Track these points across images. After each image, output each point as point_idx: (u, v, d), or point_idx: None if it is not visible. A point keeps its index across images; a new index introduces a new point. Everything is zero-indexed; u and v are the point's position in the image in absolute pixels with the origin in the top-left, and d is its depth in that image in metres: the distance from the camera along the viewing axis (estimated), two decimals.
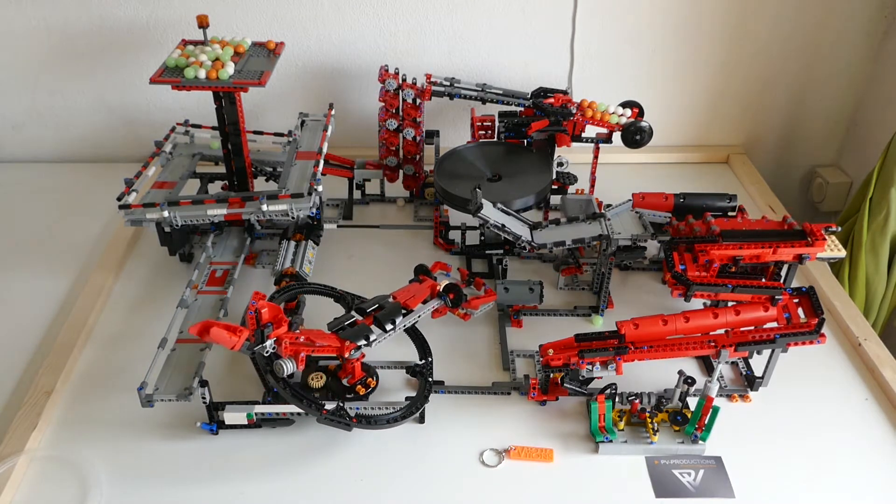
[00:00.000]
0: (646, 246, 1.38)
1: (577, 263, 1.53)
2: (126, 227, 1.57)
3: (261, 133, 1.64)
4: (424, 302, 1.25)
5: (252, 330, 1.13)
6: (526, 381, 1.28)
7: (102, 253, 1.61)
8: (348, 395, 1.22)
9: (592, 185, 1.66)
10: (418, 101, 1.63)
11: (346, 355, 1.16)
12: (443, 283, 1.28)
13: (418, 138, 1.68)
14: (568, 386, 1.22)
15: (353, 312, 1.22)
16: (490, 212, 1.37)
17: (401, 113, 1.65)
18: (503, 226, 1.36)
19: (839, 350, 1.40)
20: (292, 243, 1.52)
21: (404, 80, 1.62)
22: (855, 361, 1.37)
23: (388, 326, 1.18)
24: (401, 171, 1.75)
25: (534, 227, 1.44)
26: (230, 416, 1.18)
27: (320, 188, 1.43)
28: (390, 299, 1.24)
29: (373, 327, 1.18)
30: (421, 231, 1.71)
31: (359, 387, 1.22)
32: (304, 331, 1.16)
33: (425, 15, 1.82)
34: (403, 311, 1.21)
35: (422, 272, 1.32)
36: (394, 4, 1.81)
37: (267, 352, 1.13)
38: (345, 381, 1.23)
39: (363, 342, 1.16)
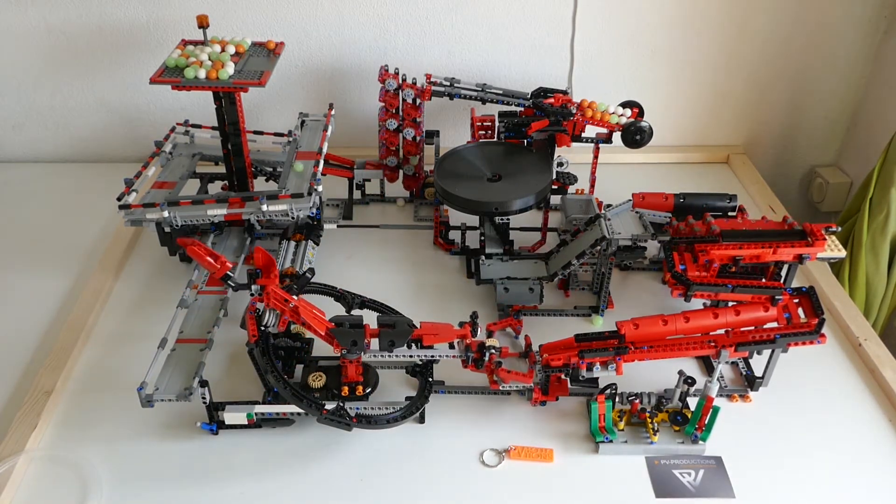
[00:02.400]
0: (646, 246, 1.38)
1: (567, 285, 1.52)
2: (126, 227, 1.57)
3: (261, 133, 1.64)
4: (451, 346, 1.21)
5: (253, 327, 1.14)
6: None
7: (102, 253, 1.61)
8: (334, 391, 1.21)
9: (592, 185, 1.66)
10: (418, 101, 1.63)
11: (338, 352, 1.16)
12: (481, 340, 1.20)
13: (418, 138, 1.68)
14: (574, 387, 1.23)
15: (357, 313, 1.21)
16: (491, 272, 1.43)
17: (401, 113, 1.65)
18: (507, 278, 1.42)
19: (839, 350, 1.40)
20: (292, 243, 1.52)
21: (404, 80, 1.62)
22: (855, 361, 1.37)
23: (383, 346, 1.16)
24: (401, 172, 1.75)
25: (548, 258, 1.46)
26: (230, 416, 1.18)
27: (320, 188, 1.43)
28: (417, 324, 1.19)
29: (369, 340, 1.16)
30: (421, 231, 1.71)
31: (344, 387, 1.21)
32: (301, 300, 1.15)
33: (425, 15, 1.83)
34: (412, 342, 1.18)
35: (470, 320, 1.21)
36: (394, 4, 1.81)
37: (252, 295, 1.13)
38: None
39: (346, 346, 1.14)
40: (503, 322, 1.28)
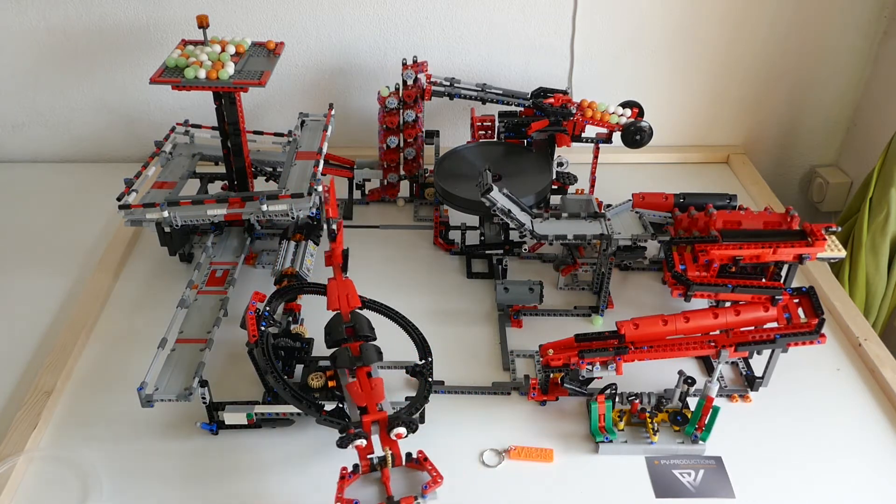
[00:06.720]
0: (646, 246, 1.38)
1: (573, 260, 1.51)
2: (126, 227, 1.57)
3: (261, 133, 1.64)
4: (365, 413, 1.06)
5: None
6: (526, 381, 1.28)
7: (102, 253, 1.61)
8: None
9: (592, 185, 1.66)
10: (423, 79, 1.61)
11: None
12: (393, 441, 1.07)
13: (419, 116, 1.68)
14: (568, 386, 1.22)
15: (367, 325, 1.19)
16: (498, 196, 1.35)
17: (401, 97, 1.64)
18: (509, 211, 1.36)
19: (839, 350, 1.40)
20: (292, 243, 1.51)
21: (404, 62, 1.62)
22: (855, 361, 1.37)
23: (330, 357, 1.14)
24: (400, 181, 1.77)
25: (534, 217, 1.44)
26: (230, 416, 1.18)
27: (320, 188, 1.43)
28: (372, 372, 1.12)
29: (344, 346, 1.14)
30: (421, 231, 1.71)
31: (329, 370, 1.21)
32: (348, 280, 1.24)
33: (425, 15, 1.83)
34: (341, 377, 1.13)
35: (402, 421, 1.06)
36: (394, 5, 1.81)
37: (332, 240, 1.32)
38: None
39: (327, 336, 1.17)
40: (430, 466, 1.12)
